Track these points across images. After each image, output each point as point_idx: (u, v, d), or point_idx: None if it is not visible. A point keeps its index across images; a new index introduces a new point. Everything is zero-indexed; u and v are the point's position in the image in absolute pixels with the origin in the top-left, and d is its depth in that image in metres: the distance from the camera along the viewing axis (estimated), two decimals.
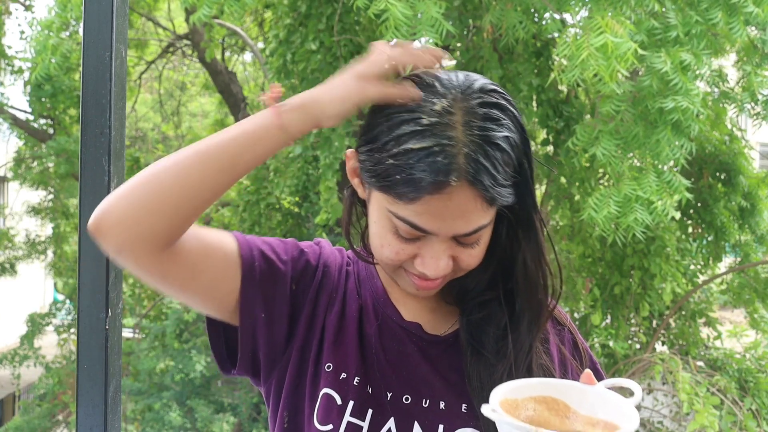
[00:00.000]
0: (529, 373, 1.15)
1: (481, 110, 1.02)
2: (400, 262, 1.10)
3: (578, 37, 3.50)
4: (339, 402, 1.16)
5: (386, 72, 1.06)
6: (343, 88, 1.06)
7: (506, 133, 1.03)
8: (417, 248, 1.07)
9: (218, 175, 1.06)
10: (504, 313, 1.18)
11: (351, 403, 1.16)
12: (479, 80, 1.07)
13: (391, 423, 1.16)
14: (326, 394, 1.16)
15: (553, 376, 1.18)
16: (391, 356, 1.20)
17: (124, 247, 1.06)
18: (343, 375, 1.17)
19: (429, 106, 1.02)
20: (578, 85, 4.61)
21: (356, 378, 1.17)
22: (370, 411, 1.16)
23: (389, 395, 1.17)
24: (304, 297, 1.21)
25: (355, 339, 1.20)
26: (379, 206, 1.09)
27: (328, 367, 1.18)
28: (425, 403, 1.17)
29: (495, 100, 1.05)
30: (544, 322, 1.19)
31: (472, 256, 1.10)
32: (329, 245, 1.29)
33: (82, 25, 1.37)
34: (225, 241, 1.17)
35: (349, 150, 1.16)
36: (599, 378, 1.12)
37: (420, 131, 1.00)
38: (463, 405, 1.17)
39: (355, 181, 1.17)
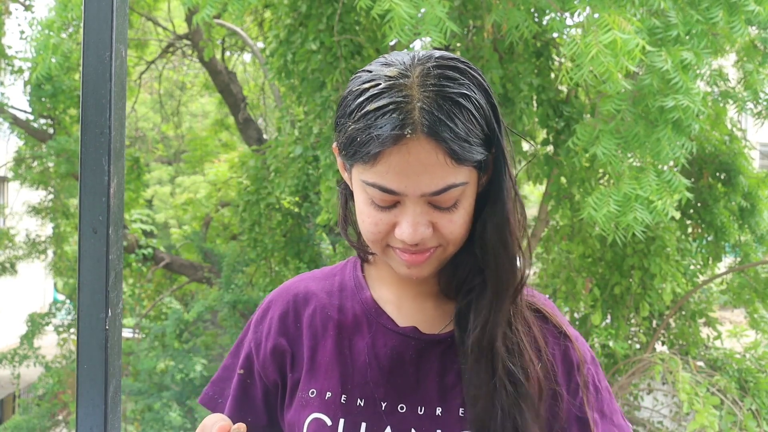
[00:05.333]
0: (491, 364, 1.13)
1: (437, 71, 1.05)
2: (381, 234, 1.10)
3: (585, 36, 3.50)
4: (329, 423, 1.17)
5: None
6: None
7: (464, 91, 1.04)
8: (395, 216, 1.08)
9: None
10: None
11: (341, 421, 1.16)
12: (439, 52, 1.10)
13: None
14: (315, 419, 1.18)
15: (518, 381, 1.13)
16: (385, 366, 1.19)
17: None
18: (329, 395, 1.18)
19: (386, 73, 1.05)
20: (578, 85, 4.61)
21: (343, 396, 1.18)
22: (363, 425, 1.16)
23: (384, 405, 1.17)
24: (263, 370, 1.28)
25: (333, 357, 1.21)
26: (356, 182, 1.11)
27: (312, 393, 1.20)
28: (421, 411, 1.17)
29: (453, 64, 1.07)
30: (507, 298, 1.15)
31: (452, 222, 1.09)
32: (265, 315, 1.32)
33: (82, 24, 1.37)
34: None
35: (334, 144, 1.18)
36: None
37: (377, 94, 1.03)
38: (461, 409, 1.16)
39: (345, 175, 1.19)
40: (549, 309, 1.26)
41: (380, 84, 1.04)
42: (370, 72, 1.08)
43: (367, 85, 1.06)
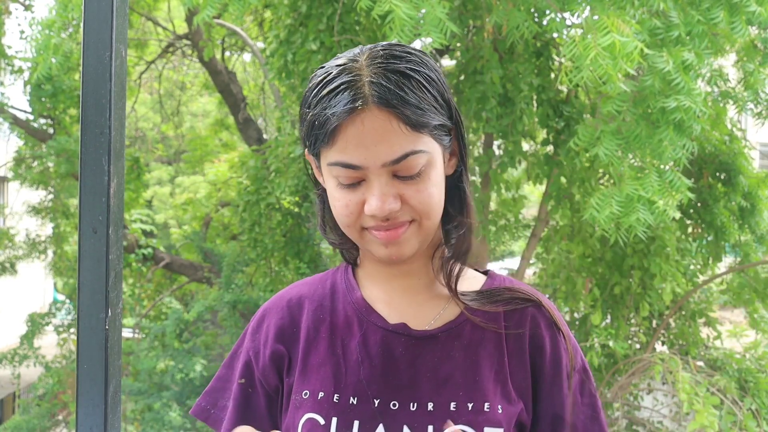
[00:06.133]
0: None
1: (383, 52, 1.11)
2: (355, 216, 1.13)
3: (584, 38, 3.50)
4: (322, 422, 1.18)
5: None
6: None
7: (412, 66, 1.09)
8: (362, 194, 1.11)
9: None
10: None
11: (334, 420, 1.18)
12: (389, 42, 1.16)
13: (380, 430, 1.17)
14: (308, 419, 1.19)
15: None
16: (377, 363, 1.21)
17: None
18: (321, 394, 1.20)
19: (337, 63, 1.12)
20: (577, 86, 4.61)
21: (335, 395, 1.19)
22: (356, 422, 1.17)
23: (377, 402, 1.18)
24: (263, 377, 1.29)
25: (326, 358, 1.23)
26: (324, 172, 1.16)
27: (305, 394, 1.21)
28: (413, 407, 1.18)
29: (400, 48, 1.12)
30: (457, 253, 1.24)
31: (419, 192, 1.11)
32: (261, 323, 1.34)
33: (82, 24, 1.36)
34: None
35: (305, 150, 1.22)
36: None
37: (329, 80, 1.09)
38: (452, 403, 1.18)
39: (320, 178, 1.22)
40: (546, 304, 1.28)
41: (332, 72, 1.10)
42: (324, 67, 1.14)
43: (320, 78, 1.11)
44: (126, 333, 11.18)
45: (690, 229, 6.60)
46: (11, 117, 9.38)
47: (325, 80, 1.10)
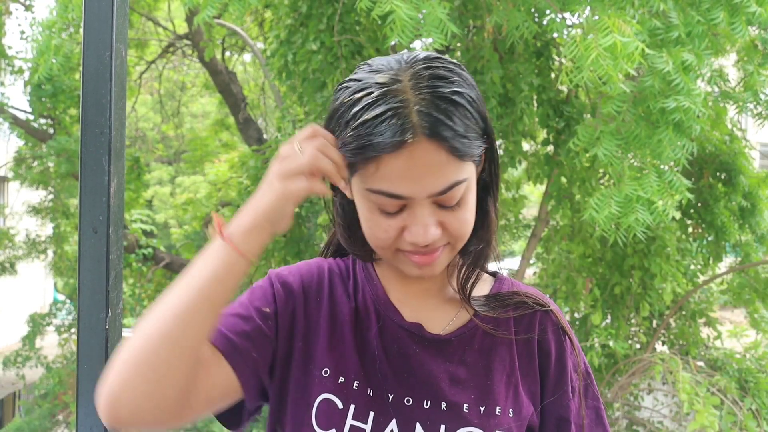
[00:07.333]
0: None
1: (427, 72, 1.06)
2: (392, 240, 1.11)
3: (585, 38, 3.50)
4: (340, 406, 1.16)
5: (301, 167, 1.09)
6: (273, 194, 1.09)
7: (456, 89, 1.06)
8: (403, 221, 1.09)
9: (203, 321, 1.06)
10: None
11: (352, 406, 1.16)
12: (424, 53, 1.11)
13: (393, 425, 1.16)
14: (325, 399, 1.17)
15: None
16: (392, 358, 1.20)
17: (151, 424, 1.06)
18: (341, 379, 1.18)
19: (377, 80, 1.06)
20: (578, 86, 4.61)
21: (356, 382, 1.17)
22: (371, 413, 1.16)
23: (391, 397, 1.17)
24: (277, 317, 1.21)
25: (351, 342, 1.20)
26: (358, 192, 1.12)
27: (325, 372, 1.18)
28: (426, 405, 1.17)
29: (441, 64, 1.08)
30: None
31: (459, 220, 1.11)
32: (291, 267, 1.30)
33: (82, 25, 1.37)
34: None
35: None
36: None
37: (372, 102, 1.04)
38: (465, 405, 1.17)
39: (341, 185, 1.17)
40: (553, 308, 1.28)
41: (373, 92, 1.05)
42: (359, 81, 1.09)
43: (359, 95, 1.06)
44: (126, 333, 11.16)
45: (690, 229, 6.60)
46: (11, 117, 9.39)
47: (365, 101, 1.05)
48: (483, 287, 1.28)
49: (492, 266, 1.30)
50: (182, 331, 1.04)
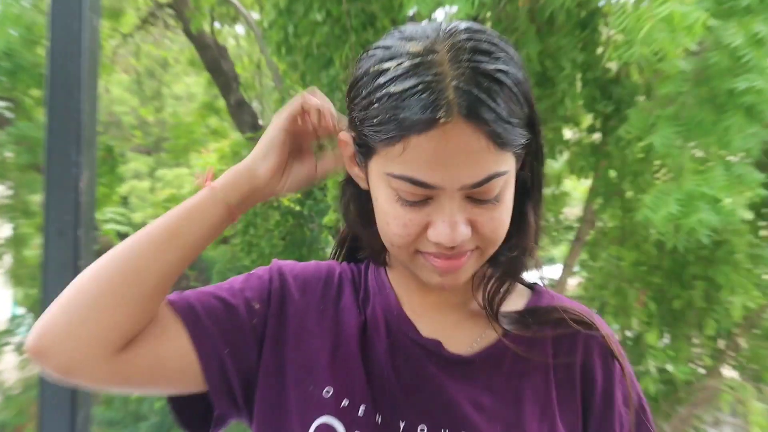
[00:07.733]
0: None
1: (469, 44, 1.04)
2: (411, 238, 1.09)
3: (638, 6, 3.48)
4: None
5: (292, 102, 1.19)
6: (263, 140, 1.19)
7: (501, 66, 1.03)
8: (427, 215, 1.07)
9: (164, 258, 1.12)
10: None
11: None
12: (465, 22, 1.09)
13: None
14: (324, 424, 1.15)
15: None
16: (404, 379, 1.19)
17: (77, 361, 1.08)
18: (345, 402, 1.17)
19: (409, 49, 1.04)
20: (629, 63, 4.60)
21: (362, 406, 1.16)
22: None
23: (402, 425, 1.16)
24: (267, 319, 1.25)
25: (357, 360, 1.20)
26: (377, 177, 1.10)
27: (327, 392, 1.18)
28: None
29: (485, 37, 1.07)
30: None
31: (494, 220, 1.09)
32: (299, 265, 1.33)
33: None
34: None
35: (342, 133, 1.18)
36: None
37: (402, 74, 1.02)
38: None
39: (354, 171, 1.18)
40: (602, 327, 1.26)
41: (404, 62, 1.03)
42: (389, 48, 1.07)
43: (387, 65, 1.05)
44: None
45: (764, 232, 6.57)
46: None
47: (394, 70, 1.03)
48: (518, 301, 1.27)
49: (531, 276, 1.28)
50: (142, 264, 1.11)
